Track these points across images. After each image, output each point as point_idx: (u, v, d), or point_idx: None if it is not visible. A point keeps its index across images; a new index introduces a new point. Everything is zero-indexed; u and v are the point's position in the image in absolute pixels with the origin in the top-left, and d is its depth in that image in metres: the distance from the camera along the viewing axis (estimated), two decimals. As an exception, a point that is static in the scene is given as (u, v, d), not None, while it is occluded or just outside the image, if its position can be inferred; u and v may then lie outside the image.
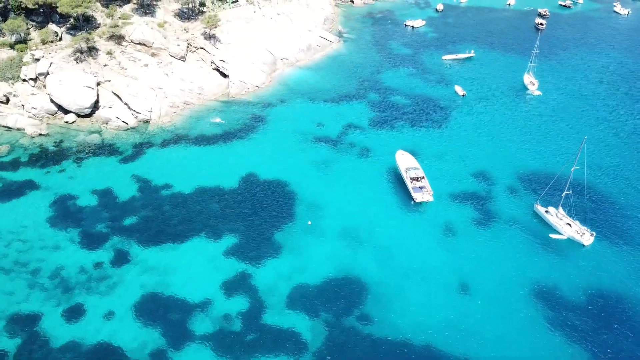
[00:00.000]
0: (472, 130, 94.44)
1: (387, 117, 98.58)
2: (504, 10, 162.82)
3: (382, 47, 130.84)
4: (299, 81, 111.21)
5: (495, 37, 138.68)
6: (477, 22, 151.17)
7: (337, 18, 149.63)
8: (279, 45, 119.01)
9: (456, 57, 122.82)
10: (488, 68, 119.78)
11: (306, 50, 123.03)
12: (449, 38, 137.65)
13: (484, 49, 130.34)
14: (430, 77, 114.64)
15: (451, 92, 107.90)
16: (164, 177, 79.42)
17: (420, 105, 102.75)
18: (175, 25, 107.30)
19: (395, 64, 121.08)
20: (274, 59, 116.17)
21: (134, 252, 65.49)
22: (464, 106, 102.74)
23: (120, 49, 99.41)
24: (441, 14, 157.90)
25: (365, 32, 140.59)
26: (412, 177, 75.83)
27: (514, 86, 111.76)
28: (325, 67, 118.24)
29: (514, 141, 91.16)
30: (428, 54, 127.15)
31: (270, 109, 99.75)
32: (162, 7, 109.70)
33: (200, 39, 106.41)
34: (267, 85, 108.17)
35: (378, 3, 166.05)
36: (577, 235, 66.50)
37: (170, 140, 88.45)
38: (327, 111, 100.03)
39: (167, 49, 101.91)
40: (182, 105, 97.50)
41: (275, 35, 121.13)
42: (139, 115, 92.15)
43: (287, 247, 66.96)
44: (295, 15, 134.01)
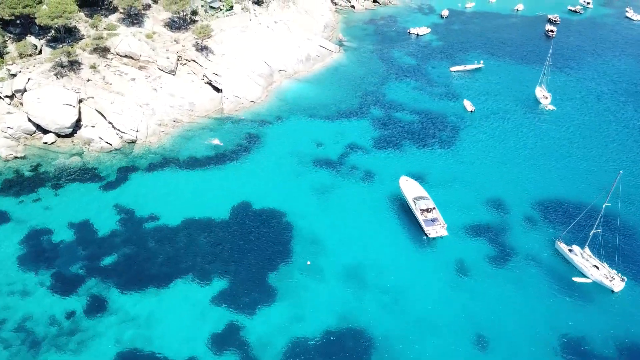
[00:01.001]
0: (483, 152, 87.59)
1: (392, 135, 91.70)
2: (512, 16, 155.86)
3: (385, 56, 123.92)
4: (298, 95, 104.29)
5: (504, 46, 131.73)
6: (484, 29, 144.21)
7: (337, 25, 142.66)
8: (276, 56, 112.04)
9: (464, 68, 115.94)
10: (498, 80, 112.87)
11: (305, 60, 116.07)
12: (455, 46, 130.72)
13: (492, 58, 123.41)
14: (436, 91, 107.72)
15: (459, 107, 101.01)
16: (149, 206, 72.55)
17: (426, 123, 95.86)
18: (164, 36, 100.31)
19: (399, 76, 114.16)
20: (271, 70, 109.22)
21: (112, 298, 58.61)
22: (473, 123, 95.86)
23: (105, 63, 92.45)
24: (446, 20, 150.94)
25: (367, 40, 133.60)
26: (422, 208, 68.92)
27: (525, 100, 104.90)
28: (325, 80, 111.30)
29: (529, 164, 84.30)
30: (434, 64, 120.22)
31: (266, 127, 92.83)
32: (151, 17, 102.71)
33: (192, 51, 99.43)
34: (263, 100, 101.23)
35: (380, 8, 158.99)
36: (606, 279, 59.69)
37: (157, 164, 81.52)
38: (327, 129, 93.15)
39: (155, 62, 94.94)
40: (171, 124, 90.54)
41: (272, 45, 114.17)
42: (124, 135, 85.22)
43: (283, 292, 60.12)
44: (294, 23, 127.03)
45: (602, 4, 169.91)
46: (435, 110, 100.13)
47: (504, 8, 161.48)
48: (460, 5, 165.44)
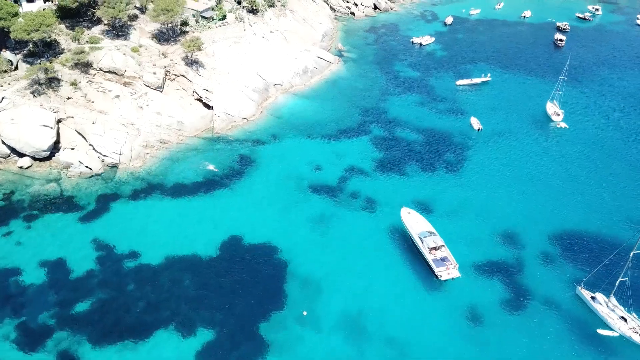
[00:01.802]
0: (492, 176, 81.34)
1: (394, 157, 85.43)
2: (519, 23, 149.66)
3: (386, 68, 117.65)
4: (294, 112, 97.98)
5: (512, 57, 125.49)
6: (490, 37, 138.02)
7: (336, 33, 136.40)
8: (271, 69, 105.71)
9: (471, 82, 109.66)
10: (506, 94, 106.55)
11: (302, 73, 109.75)
12: (460, 57, 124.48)
13: (500, 71, 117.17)
14: (441, 106, 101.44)
15: (466, 125, 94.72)
16: (131, 241, 66.24)
17: (431, 143, 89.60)
18: (152, 49, 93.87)
19: (401, 90, 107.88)
20: (266, 85, 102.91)
21: (83, 354, 52.31)
22: (481, 143, 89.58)
23: (87, 79, 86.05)
24: (450, 28, 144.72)
25: (368, 50, 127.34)
26: (431, 246, 62.59)
27: (535, 117, 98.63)
28: (324, 94, 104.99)
29: (544, 191, 78.04)
30: (438, 76, 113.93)
31: (260, 148, 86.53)
32: (138, 28, 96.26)
33: (181, 65, 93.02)
34: (257, 118, 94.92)
35: (381, 15, 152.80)
36: (635, 334, 53.50)
37: (141, 191, 75.19)
38: (326, 150, 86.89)
39: (141, 78, 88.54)
40: (158, 145, 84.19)
41: (267, 57, 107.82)
42: (105, 158, 78.90)
43: (276, 346, 53.86)
44: (291, 33, 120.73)
45: (611, 11, 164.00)
46: (440, 128, 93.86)
47: (510, 15, 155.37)
48: (464, 12, 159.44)
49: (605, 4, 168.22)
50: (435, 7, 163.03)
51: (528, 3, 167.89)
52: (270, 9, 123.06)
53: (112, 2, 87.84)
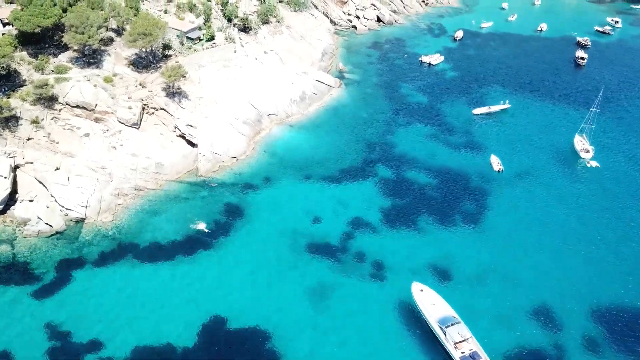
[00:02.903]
0: (517, 231, 70.31)
1: (404, 207, 74.32)
2: (535, 38, 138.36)
3: (392, 92, 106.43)
4: (290, 147, 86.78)
5: (530, 78, 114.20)
6: (504, 54, 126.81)
7: (337, 50, 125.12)
8: (265, 97, 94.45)
9: (489, 110, 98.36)
10: (527, 125, 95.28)
11: (299, 100, 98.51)
12: (473, 78, 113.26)
13: (518, 95, 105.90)
14: (456, 140, 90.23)
15: (485, 164, 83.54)
16: (94, 325, 55.13)
17: (446, 187, 78.45)
18: (128, 79, 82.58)
19: (410, 119, 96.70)
20: (259, 115, 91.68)
21: None
22: (502, 188, 78.47)
23: (51, 115, 74.88)
24: (460, 43, 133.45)
25: (371, 70, 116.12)
26: (457, 340, 51.33)
27: (562, 153, 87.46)
28: (324, 125, 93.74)
29: (579, 251, 67.04)
30: (451, 102, 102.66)
31: (251, 195, 75.41)
32: (113, 54, 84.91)
33: (161, 97, 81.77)
34: (248, 156, 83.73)
35: (385, 29, 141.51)
36: None
37: (110, 255, 63.98)
38: (326, 196, 75.84)
39: (115, 113, 77.32)
40: (133, 193, 72.99)
41: (261, 82, 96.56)
42: (69, 212, 67.72)
43: None
44: (287, 52, 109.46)
45: (631, 23, 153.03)
46: (455, 168, 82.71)
47: (525, 28, 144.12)
48: (474, 23, 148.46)
49: (625, 15, 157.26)
50: (443, 18, 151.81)
51: (542, 15, 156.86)
52: (265, 26, 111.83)
53: (80, 27, 76.50)
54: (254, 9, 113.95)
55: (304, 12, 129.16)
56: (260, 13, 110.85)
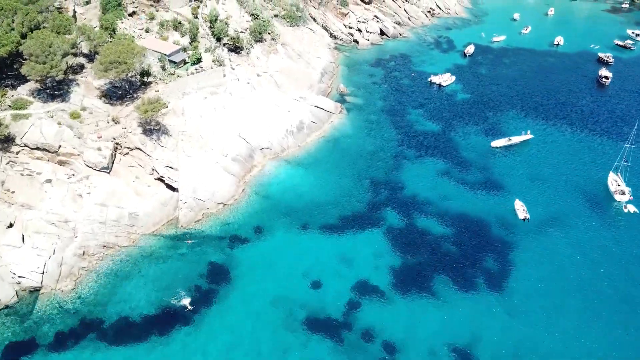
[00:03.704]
0: (552, 296, 60.04)
1: (417, 266, 64.04)
2: (551, 53, 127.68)
3: (399, 119, 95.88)
4: (286, 188, 76.31)
5: (551, 101, 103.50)
6: (520, 73, 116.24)
7: (337, 69, 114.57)
8: (258, 128, 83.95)
9: (509, 142, 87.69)
10: (553, 160, 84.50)
11: (296, 131, 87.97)
12: (488, 102, 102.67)
13: (539, 123, 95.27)
14: (473, 178, 79.71)
15: (508, 210, 73.02)
16: None
17: (464, 240, 67.97)
18: (99, 113, 72.05)
19: (420, 152, 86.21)
20: (251, 150, 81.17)
21: None
22: (530, 241, 68.02)
23: (6, 159, 64.36)
24: (471, 59, 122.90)
25: (376, 92, 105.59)
26: None
27: (594, 195, 76.99)
28: (323, 160, 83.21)
29: (626, 319, 56.67)
30: (465, 131, 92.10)
31: (239, 251, 65.03)
32: (83, 83, 74.35)
33: (137, 134, 71.29)
34: (237, 200, 73.23)
35: (389, 43, 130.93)
36: None
37: (69, 335, 53.61)
38: (327, 252, 65.50)
39: (82, 155, 66.81)
40: (100, 252, 62.55)
41: (253, 111, 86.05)
42: (22, 280, 57.26)
43: None
44: (283, 74, 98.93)
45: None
46: (475, 215, 72.20)
47: (539, 42, 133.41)
48: (483, 36, 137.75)
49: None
50: (450, 31, 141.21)
51: (557, 26, 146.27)
52: (258, 44, 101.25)
53: (42, 55, 65.88)
54: (247, 25, 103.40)
55: (302, 26, 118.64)
56: (253, 30, 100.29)
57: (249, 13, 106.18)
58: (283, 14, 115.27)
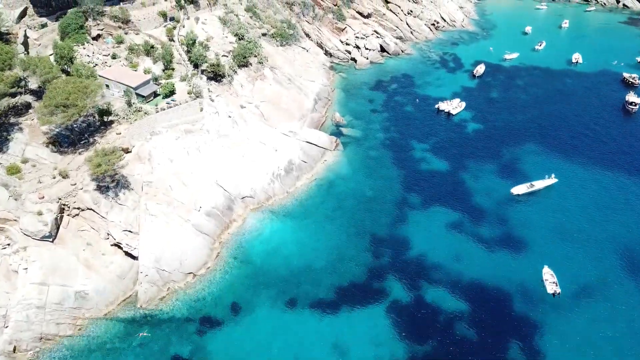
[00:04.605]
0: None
1: (427, 357, 52.07)
2: (569, 73, 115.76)
3: (403, 156, 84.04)
4: (270, 249, 64.40)
5: (573, 132, 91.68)
6: (536, 97, 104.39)
7: (332, 93, 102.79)
8: (239, 173, 72.11)
9: (532, 188, 75.66)
10: (584, 212, 72.14)
11: (285, 174, 76.08)
12: (503, 134, 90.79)
13: (562, 160, 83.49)
14: (490, 235, 67.74)
15: (535, 281, 61.00)
16: None
17: (482, 321, 56.05)
18: (44, 166, 60.09)
19: (427, 198, 74.35)
20: (230, 200, 69.29)
21: None
22: (563, 324, 56.06)
23: None
24: (480, 81, 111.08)
25: (375, 121, 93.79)
26: None
27: (636, 254, 65.21)
28: (315, 210, 71.31)
29: None
30: (478, 171, 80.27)
31: (210, 339, 53.14)
32: (27, 128, 62.35)
33: (89, 190, 59.36)
34: (210, 269, 61.28)
35: (390, 61, 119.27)
36: None
37: None
38: (318, 338, 53.66)
39: (18, 221, 54.89)
40: (34, 347, 50.58)
41: (233, 152, 74.23)
42: None
43: None
44: (270, 104, 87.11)
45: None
46: (494, 286, 60.25)
47: (556, 59, 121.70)
48: (492, 50, 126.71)
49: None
50: (456, 47, 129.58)
51: (574, 41, 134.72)
52: (243, 70, 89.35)
53: (-30, 99, 54.02)
54: (230, 47, 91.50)
55: (293, 45, 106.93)
56: (237, 54, 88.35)
57: (233, 33, 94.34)
58: (272, 33, 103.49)
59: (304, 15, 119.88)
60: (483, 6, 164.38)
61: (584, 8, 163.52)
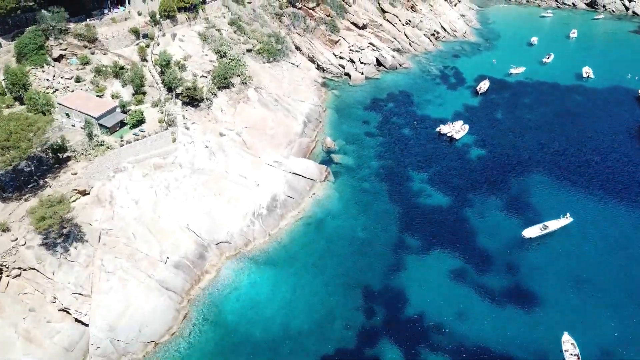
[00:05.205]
0: None
1: None
2: (580, 90, 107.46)
3: (400, 189, 75.75)
4: (246, 307, 56.07)
5: (587, 159, 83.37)
6: (545, 118, 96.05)
7: (324, 114, 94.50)
8: (214, 214, 63.82)
9: (545, 230, 67.07)
10: (606, 260, 63.59)
11: (267, 213, 67.75)
12: (510, 161, 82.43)
13: (576, 194, 75.19)
14: (502, 289, 59.24)
15: (552, 351, 52.67)
16: None
17: (496, 398, 47.95)
18: (-19, 217, 51.87)
19: (427, 241, 66.01)
20: (202, 247, 61.00)
21: None
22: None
23: None
24: (484, 99, 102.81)
25: (370, 146, 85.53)
26: None
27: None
28: (300, 256, 63.01)
29: None
30: (483, 207, 71.96)
31: None
32: (-36, 171, 54.15)
33: (32, 246, 51.04)
34: (175, 334, 52.91)
35: (387, 76, 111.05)
36: None
37: None
38: None
39: (-54, 287, 46.64)
40: None
41: (209, 189, 65.94)
42: None
43: None
44: (253, 131, 78.86)
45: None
46: (505, 355, 51.93)
47: (565, 74, 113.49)
48: (495, 63, 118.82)
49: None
50: (459, 59, 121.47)
51: (583, 52, 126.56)
52: (224, 92, 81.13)
53: None
54: (210, 67, 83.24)
55: (282, 61, 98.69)
56: (217, 75, 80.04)
57: (214, 50, 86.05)
58: (258, 48, 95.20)
59: (295, 27, 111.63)
60: (486, 14, 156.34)
61: (591, 16, 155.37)
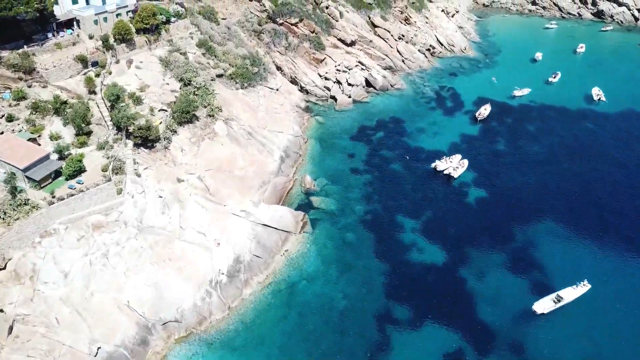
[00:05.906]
0: None
1: None
2: (591, 115, 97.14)
3: (388, 241, 65.24)
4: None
5: (602, 203, 72.82)
6: (552, 150, 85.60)
7: (305, 145, 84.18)
8: (160, 288, 53.25)
9: (559, 302, 56.27)
10: (627, 336, 53.79)
11: (227, 280, 57.18)
12: (514, 205, 71.98)
13: (591, 246, 64.77)
14: (505, 378, 49.17)
15: None
16: None
17: None
18: None
19: (419, 311, 55.54)
20: (145, 329, 50.46)
21: None
22: None
23: None
24: (484, 127, 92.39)
25: (355, 186, 75.06)
26: None
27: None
28: (266, 337, 52.37)
29: None
30: (486, 265, 61.40)
31: None
32: None
33: None
34: None
35: (376, 99, 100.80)
36: None
37: None
38: None
39: None
40: None
41: (156, 254, 55.37)
42: None
43: None
44: (219, 174, 68.27)
45: None
46: None
47: (574, 96, 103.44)
48: (495, 81, 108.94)
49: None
50: (456, 78, 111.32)
51: (592, 70, 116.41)
52: (186, 127, 70.61)
53: None
54: (172, 98, 72.71)
55: (259, 86, 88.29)
56: (177, 109, 69.51)
57: (178, 78, 75.55)
58: (230, 73, 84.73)
59: (275, 45, 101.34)
60: (485, 25, 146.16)
61: (598, 27, 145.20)
